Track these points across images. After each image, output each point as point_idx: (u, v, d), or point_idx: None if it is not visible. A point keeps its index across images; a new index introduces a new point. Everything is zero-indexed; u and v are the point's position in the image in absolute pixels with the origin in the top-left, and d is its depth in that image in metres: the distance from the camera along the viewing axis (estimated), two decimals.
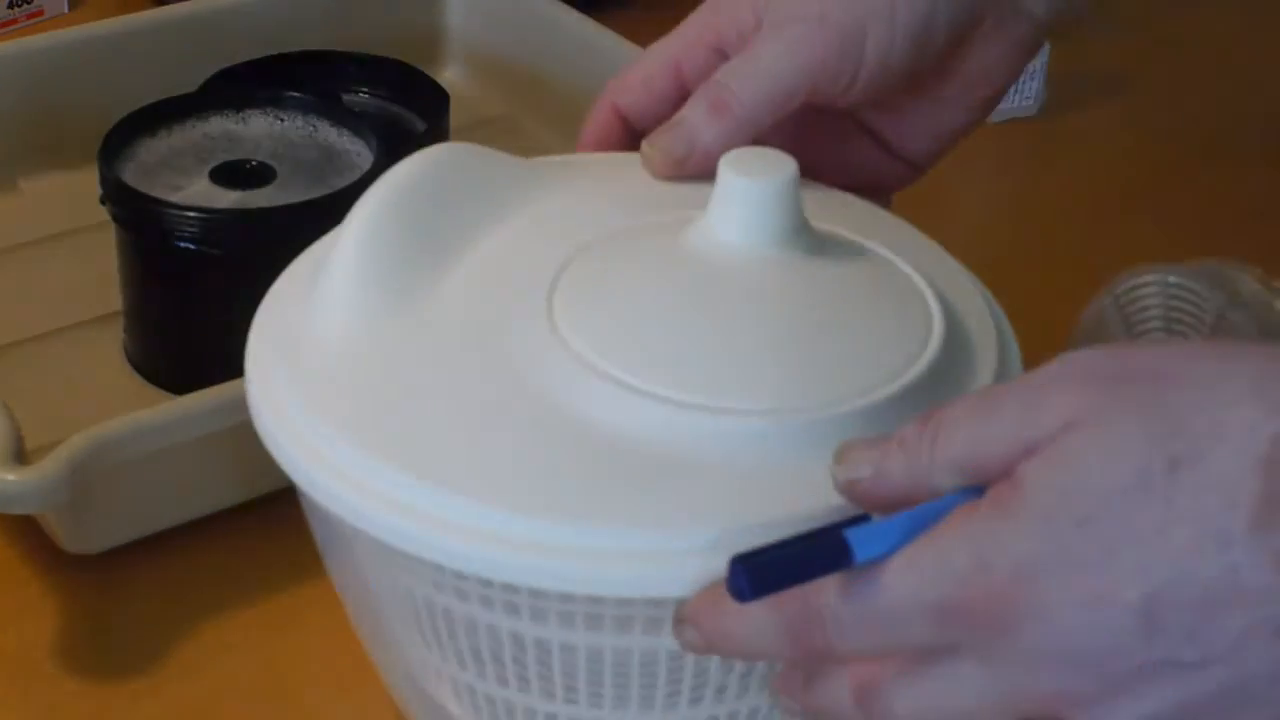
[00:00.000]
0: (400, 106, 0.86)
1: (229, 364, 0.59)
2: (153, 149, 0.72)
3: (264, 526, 0.65)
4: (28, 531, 0.64)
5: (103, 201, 0.69)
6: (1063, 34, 0.96)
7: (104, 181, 0.69)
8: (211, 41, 0.87)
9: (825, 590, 0.42)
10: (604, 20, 0.90)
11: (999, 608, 0.40)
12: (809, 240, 0.52)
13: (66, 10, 1.02)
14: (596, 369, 0.47)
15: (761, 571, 0.41)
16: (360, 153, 0.72)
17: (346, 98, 0.86)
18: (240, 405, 0.51)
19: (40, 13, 1.01)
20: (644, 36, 0.88)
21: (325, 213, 0.68)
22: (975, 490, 0.42)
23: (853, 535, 0.42)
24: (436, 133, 0.83)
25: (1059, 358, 0.42)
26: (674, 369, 0.47)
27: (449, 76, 0.95)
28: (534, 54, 0.93)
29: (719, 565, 0.42)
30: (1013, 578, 0.40)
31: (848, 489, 0.43)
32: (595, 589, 0.45)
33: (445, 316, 0.50)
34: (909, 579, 0.41)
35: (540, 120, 0.93)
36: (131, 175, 0.70)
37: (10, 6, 1.00)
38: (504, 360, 0.48)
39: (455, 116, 0.85)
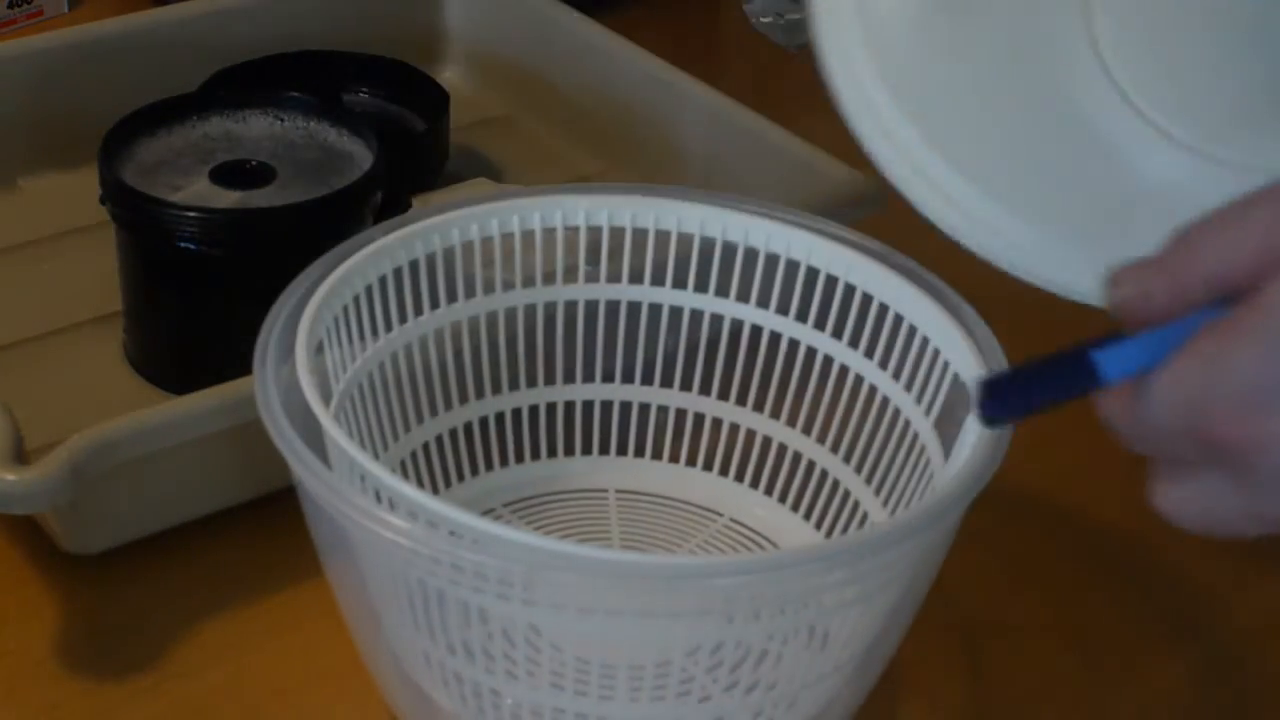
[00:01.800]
0: (400, 106, 0.86)
1: (229, 364, 0.59)
2: (153, 149, 0.72)
3: (264, 526, 0.65)
4: (28, 531, 0.64)
5: (103, 201, 0.69)
6: None
7: (104, 181, 0.69)
8: (211, 41, 0.87)
9: (1104, 404, 0.43)
10: (604, 20, 0.90)
11: (1233, 434, 0.41)
12: None
13: (66, 10, 1.02)
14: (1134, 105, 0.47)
15: (1005, 394, 0.43)
16: (360, 153, 0.72)
17: (346, 98, 0.86)
18: (241, 405, 0.51)
19: (40, 13, 1.01)
20: (644, 37, 0.89)
21: (325, 213, 0.69)
22: (1223, 306, 0.41)
23: (1099, 356, 0.42)
24: (436, 133, 0.83)
25: None
26: (1212, 117, 0.46)
27: (449, 76, 0.95)
28: (534, 54, 0.93)
29: None
30: (1241, 406, 0.40)
31: (1118, 310, 0.44)
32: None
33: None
34: (1154, 405, 0.42)
35: (540, 120, 0.93)
36: (131, 175, 0.70)
37: (10, 6, 1.00)
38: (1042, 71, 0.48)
39: (455, 116, 0.85)
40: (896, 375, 0.60)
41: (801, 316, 0.63)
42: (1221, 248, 0.41)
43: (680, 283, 0.64)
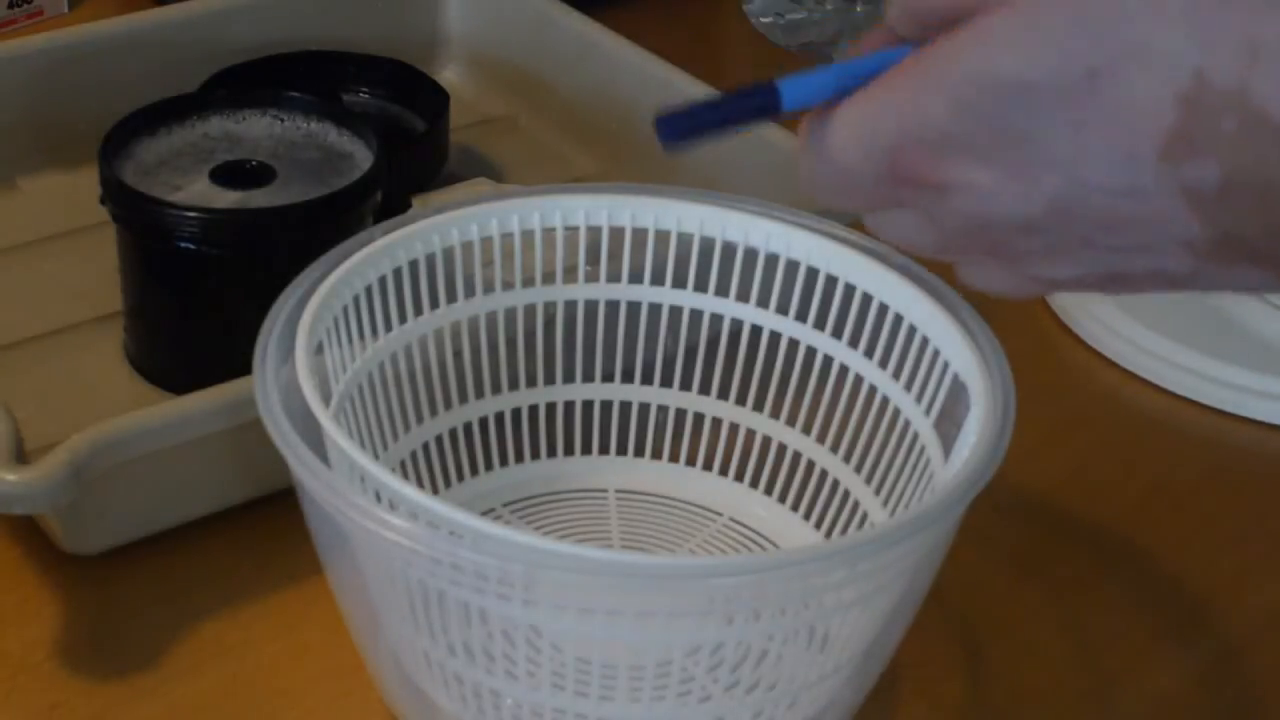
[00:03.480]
0: (400, 106, 0.86)
1: (229, 364, 0.59)
2: (153, 149, 0.72)
3: (264, 526, 0.65)
4: (28, 531, 0.64)
5: (103, 201, 0.69)
6: None
7: (104, 181, 0.69)
8: (211, 41, 0.87)
9: (801, 160, 0.45)
10: (604, 20, 0.90)
11: (924, 176, 0.42)
12: None
13: (66, 10, 1.02)
14: None
15: (685, 116, 0.45)
16: (360, 153, 0.72)
17: (346, 98, 0.86)
18: (241, 405, 0.51)
19: (40, 13, 1.01)
20: (644, 36, 0.89)
21: (325, 213, 0.69)
22: (911, 48, 0.43)
23: (784, 85, 0.43)
24: (436, 133, 0.83)
25: None
26: None
27: (449, 76, 0.95)
28: (534, 54, 0.93)
29: None
30: (935, 153, 0.42)
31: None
32: None
33: None
34: (851, 142, 0.43)
35: (540, 120, 0.93)
36: (131, 175, 0.70)
37: (10, 6, 1.00)
38: None
39: (455, 116, 0.85)
40: (896, 375, 0.60)
41: (801, 316, 0.63)
42: None
43: (680, 283, 0.64)
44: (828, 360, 0.63)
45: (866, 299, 0.60)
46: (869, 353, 0.61)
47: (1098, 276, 0.43)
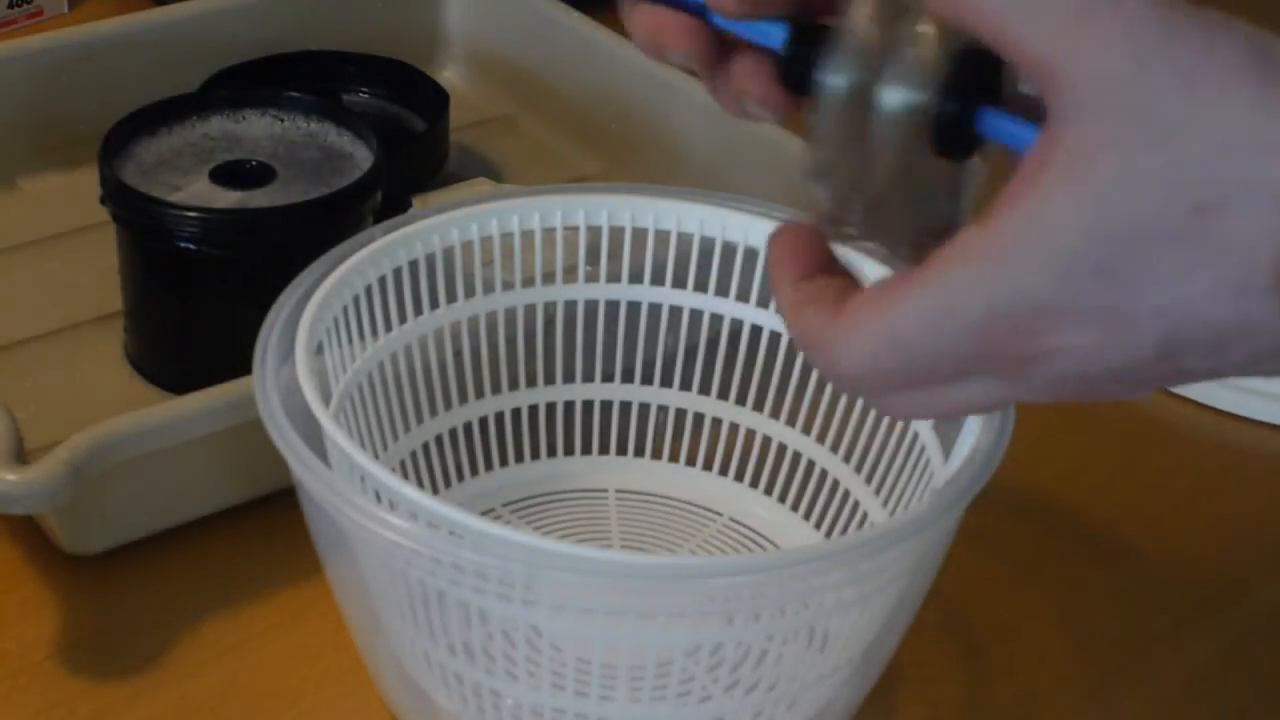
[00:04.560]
0: (400, 106, 0.87)
1: (229, 364, 0.59)
2: (153, 149, 0.72)
3: (264, 526, 0.65)
4: (28, 531, 0.64)
5: (103, 201, 0.69)
6: None
7: (104, 181, 0.69)
8: (211, 41, 0.87)
9: (844, 362, 0.42)
10: (604, 20, 0.90)
11: (1018, 351, 0.40)
12: None
13: (66, 10, 1.02)
14: None
15: None
16: (360, 153, 0.72)
17: (346, 98, 0.86)
18: (241, 405, 0.51)
19: (40, 13, 1.01)
20: None
21: (325, 213, 0.69)
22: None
23: None
24: (436, 133, 0.83)
25: None
26: None
27: (449, 76, 0.95)
28: (534, 54, 0.93)
29: None
30: (1031, 327, 0.39)
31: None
32: None
33: None
34: (930, 340, 0.41)
35: (540, 120, 0.93)
36: (131, 175, 0.70)
37: (10, 6, 1.00)
38: None
39: (455, 116, 0.85)
40: None
41: None
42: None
43: (680, 282, 0.64)
44: None
45: None
46: None
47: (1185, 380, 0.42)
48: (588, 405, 0.66)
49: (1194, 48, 0.38)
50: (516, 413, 0.66)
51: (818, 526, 0.64)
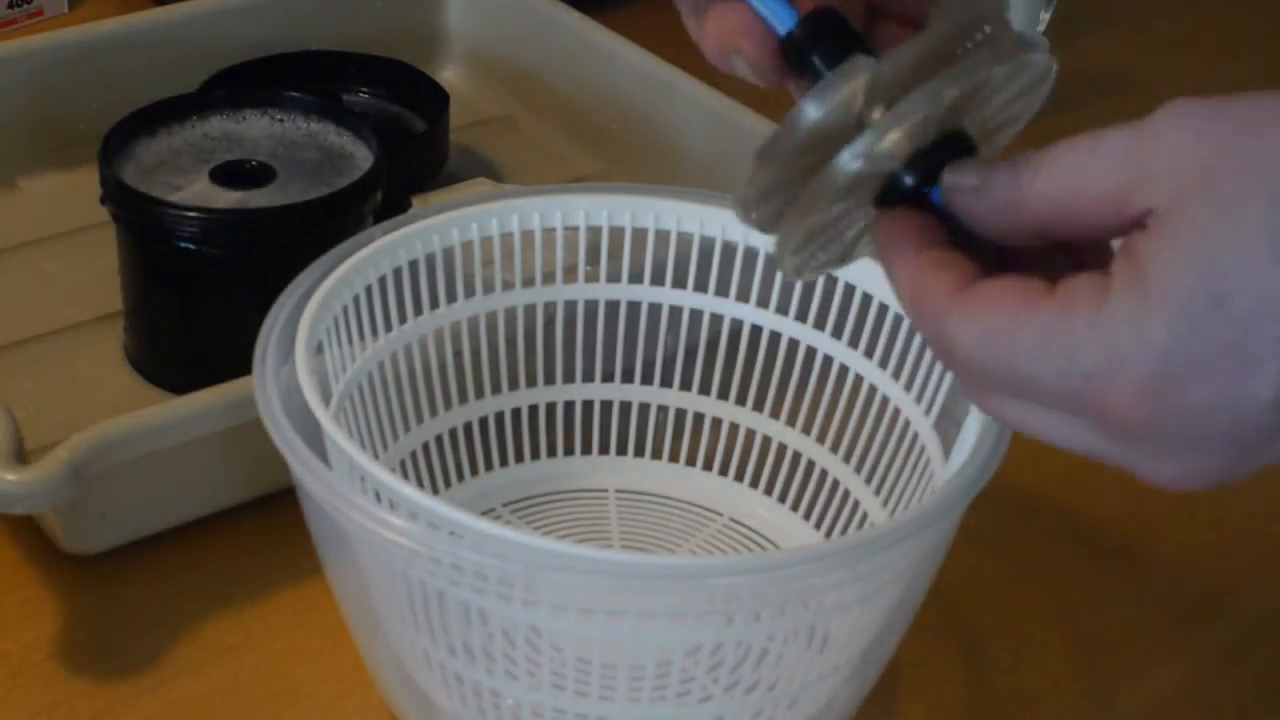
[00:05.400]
0: (400, 106, 0.87)
1: (229, 364, 0.59)
2: (153, 149, 0.72)
3: (264, 526, 0.65)
4: (28, 531, 0.64)
5: (103, 201, 0.69)
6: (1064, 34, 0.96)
7: (104, 181, 0.69)
8: (211, 41, 0.87)
9: (953, 336, 0.41)
10: (604, 20, 0.90)
11: (1129, 411, 0.39)
12: None
13: (66, 10, 1.02)
14: None
15: None
16: (360, 153, 0.72)
17: (346, 98, 0.86)
18: (241, 405, 0.51)
19: (40, 13, 1.01)
20: (644, 36, 0.89)
21: (325, 213, 0.69)
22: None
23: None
24: (436, 133, 0.83)
25: (1161, 109, 0.40)
26: None
27: (449, 76, 0.95)
28: (534, 54, 0.93)
29: None
30: (1151, 377, 0.39)
31: (949, 192, 0.43)
32: None
33: None
34: (1037, 364, 0.40)
35: (540, 120, 0.93)
36: (131, 175, 0.70)
37: (10, 6, 1.00)
38: None
39: (455, 116, 0.85)
40: (896, 375, 0.60)
41: (801, 316, 0.63)
42: (1077, 169, 0.40)
43: (680, 282, 0.64)
44: (828, 360, 0.63)
45: (866, 299, 0.60)
46: (869, 353, 0.61)
47: None
48: (588, 405, 0.66)
49: (1242, 106, 0.39)
50: (516, 413, 0.66)
51: (818, 526, 0.64)
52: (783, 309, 0.63)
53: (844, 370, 0.62)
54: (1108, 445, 0.41)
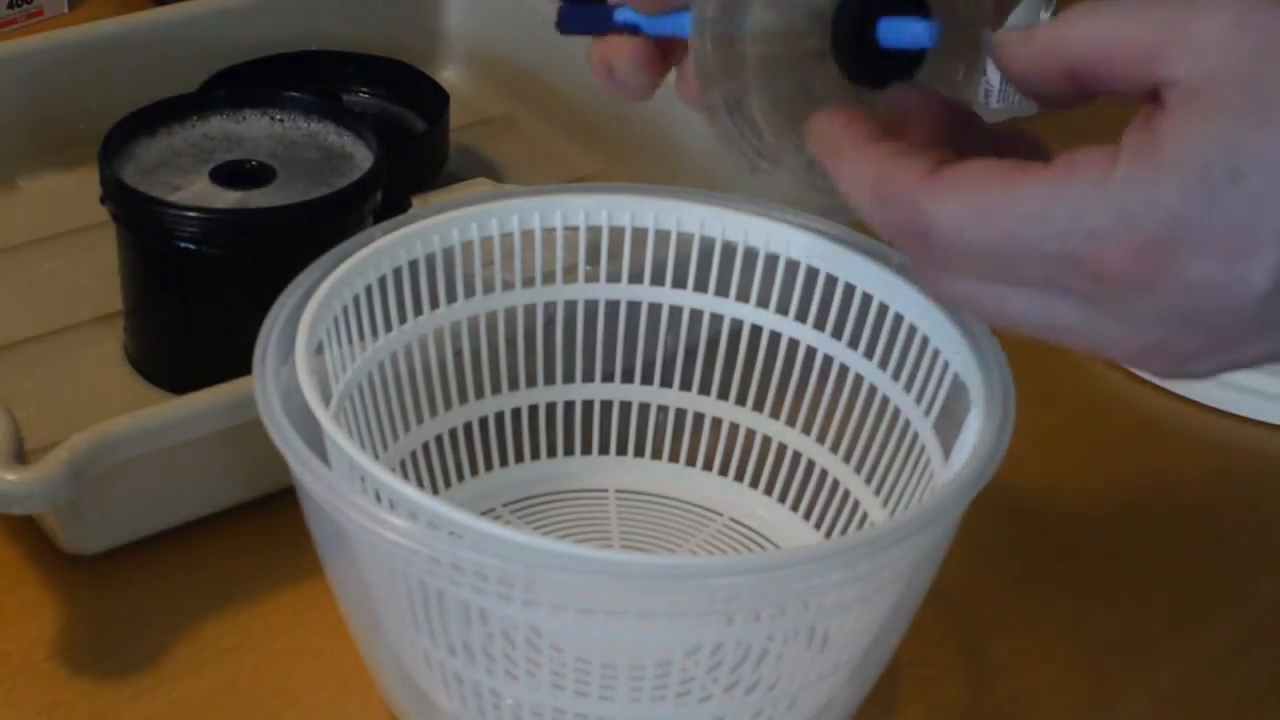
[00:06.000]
0: (400, 106, 0.87)
1: (229, 364, 0.59)
2: (153, 149, 0.72)
3: (264, 526, 0.65)
4: (28, 531, 0.64)
5: (103, 201, 0.69)
6: None
7: (104, 181, 0.69)
8: (211, 41, 0.87)
9: (934, 214, 0.41)
10: None
11: (1132, 271, 0.39)
12: None
13: (67, 10, 1.02)
14: None
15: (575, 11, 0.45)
16: (360, 153, 0.72)
17: (346, 98, 0.86)
18: (241, 405, 0.51)
19: (40, 13, 1.01)
20: None
21: (325, 213, 0.69)
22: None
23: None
24: (436, 133, 0.83)
25: None
26: None
27: (449, 76, 0.95)
28: (534, 54, 0.93)
29: None
30: (1156, 239, 0.39)
31: (995, 48, 0.43)
32: None
33: None
34: (1036, 229, 0.40)
35: (540, 120, 0.93)
36: (131, 175, 0.70)
37: (10, 6, 1.00)
38: None
39: (455, 116, 0.85)
40: (896, 375, 0.60)
41: (801, 316, 0.63)
42: (1111, 25, 0.41)
43: (680, 282, 0.64)
44: (828, 360, 0.63)
45: (866, 299, 0.60)
46: (869, 353, 0.61)
47: None
48: (588, 405, 0.66)
49: None
50: (516, 413, 0.66)
51: (818, 526, 0.64)
52: (783, 309, 0.63)
53: (844, 370, 0.62)
54: (1084, 314, 0.41)
